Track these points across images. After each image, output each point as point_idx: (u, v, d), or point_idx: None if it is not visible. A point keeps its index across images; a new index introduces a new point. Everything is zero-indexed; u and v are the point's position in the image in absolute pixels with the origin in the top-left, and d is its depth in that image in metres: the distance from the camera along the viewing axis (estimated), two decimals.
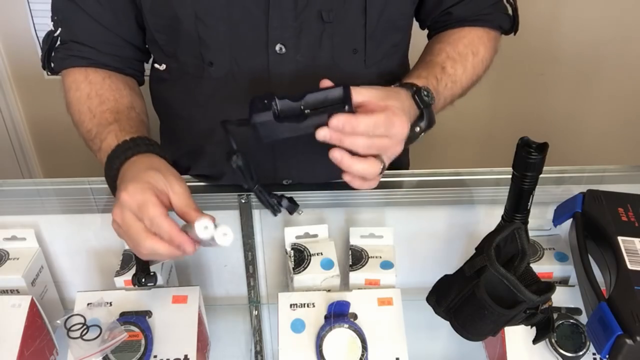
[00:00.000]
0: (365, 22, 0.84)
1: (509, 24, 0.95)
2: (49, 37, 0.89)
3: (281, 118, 0.67)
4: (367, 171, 0.69)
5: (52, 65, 0.90)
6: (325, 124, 0.66)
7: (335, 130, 0.65)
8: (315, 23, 0.82)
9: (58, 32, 0.88)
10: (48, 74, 0.91)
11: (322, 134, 0.66)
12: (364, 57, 0.87)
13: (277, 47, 0.83)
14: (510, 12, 0.94)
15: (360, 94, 0.69)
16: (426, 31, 1.00)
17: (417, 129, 0.76)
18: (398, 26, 0.90)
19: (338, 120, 0.65)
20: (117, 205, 0.65)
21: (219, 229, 0.63)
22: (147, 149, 0.74)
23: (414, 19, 0.97)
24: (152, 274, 0.80)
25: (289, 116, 0.67)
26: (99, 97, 0.85)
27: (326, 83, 0.69)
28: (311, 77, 0.86)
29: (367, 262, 0.85)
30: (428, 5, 0.93)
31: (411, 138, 0.76)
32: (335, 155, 0.67)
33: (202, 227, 0.62)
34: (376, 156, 0.70)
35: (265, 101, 0.66)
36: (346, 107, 0.66)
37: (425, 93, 0.77)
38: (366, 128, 0.66)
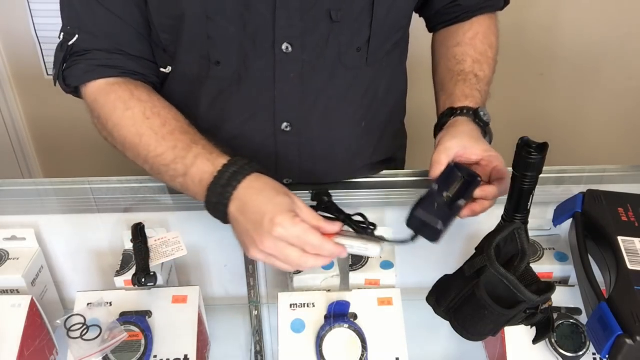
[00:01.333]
0: (372, 21, 0.85)
1: (503, 1, 0.99)
2: (63, 47, 0.81)
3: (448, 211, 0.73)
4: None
5: (66, 79, 0.82)
6: (470, 198, 0.75)
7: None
8: (324, 22, 0.83)
9: (74, 40, 0.81)
10: (47, 74, 0.90)
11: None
12: (366, 55, 0.88)
13: (284, 47, 0.83)
14: None
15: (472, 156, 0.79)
16: (422, 29, 1.01)
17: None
18: (401, 25, 0.91)
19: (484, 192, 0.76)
20: (271, 239, 0.66)
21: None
22: (252, 168, 0.72)
23: (416, 13, 0.98)
24: (152, 274, 0.80)
25: (448, 207, 0.74)
26: (158, 116, 0.79)
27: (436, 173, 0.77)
28: (315, 75, 0.86)
29: (367, 262, 0.85)
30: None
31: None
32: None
33: (378, 254, 0.72)
34: None
35: (436, 204, 0.72)
36: (477, 179, 0.76)
37: (482, 113, 0.85)
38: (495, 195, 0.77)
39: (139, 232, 0.84)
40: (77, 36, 0.80)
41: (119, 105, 0.79)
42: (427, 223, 0.71)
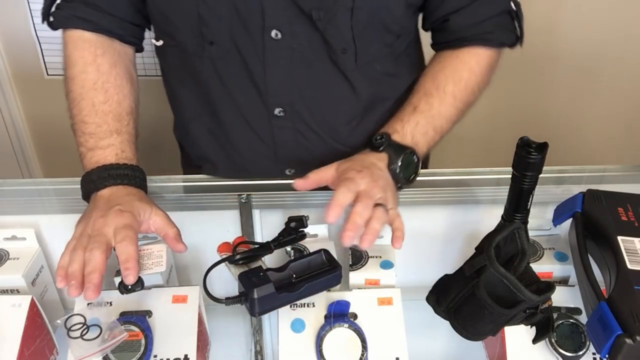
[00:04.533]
0: (352, 23, 0.84)
1: (513, 39, 0.94)
2: None
3: (278, 289, 0.70)
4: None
5: (52, 20, 0.88)
6: (320, 289, 0.73)
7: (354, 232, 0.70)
8: (306, 19, 0.83)
9: None
10: (47, 74, 0.91)
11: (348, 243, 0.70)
12: (355, 57, 0.88)
13: (273, 33, 0.84)
14: (515, 28, 0.93)
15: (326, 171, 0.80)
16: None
17: (394, 168, 0.81)
18: (390, 29, 0.88)
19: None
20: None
21: None
22: (140, 184, 0.82)
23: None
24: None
25: (283, 286, 0.71)
26: (105, 92, 0.85)
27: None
28: (305, 65, 0.87)
29: (367, 262, 0.85)
30: (429, 7, 0.91)
31: (398, 179, 0.81)
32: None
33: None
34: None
35: (261, 274, 0.70)
36: (336, 272, 0.73)
37: (378, 137, 0.83)
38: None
39: None
40: None
41: (79, 64, 0.86)
42: (249, 286, 0.68)
